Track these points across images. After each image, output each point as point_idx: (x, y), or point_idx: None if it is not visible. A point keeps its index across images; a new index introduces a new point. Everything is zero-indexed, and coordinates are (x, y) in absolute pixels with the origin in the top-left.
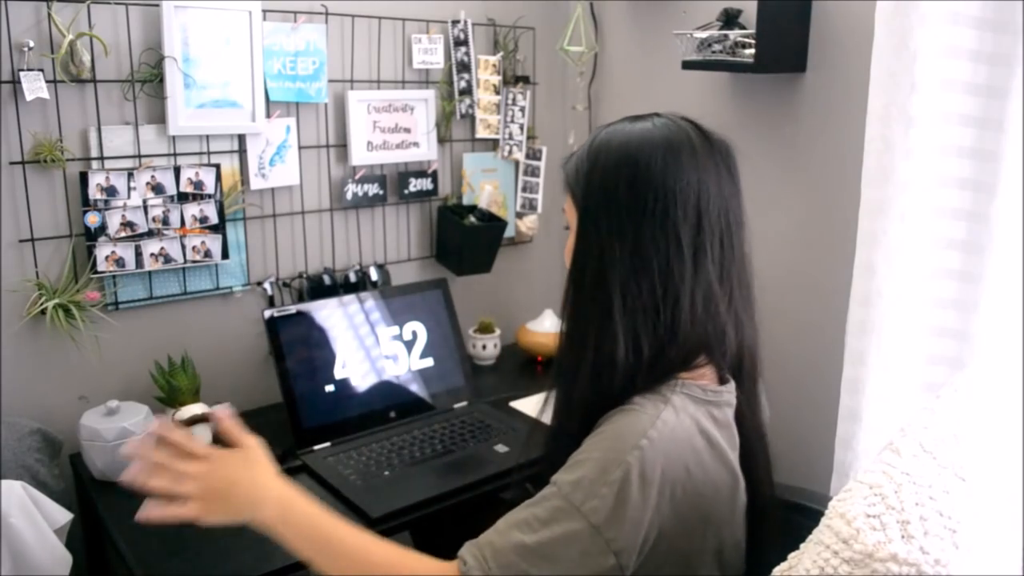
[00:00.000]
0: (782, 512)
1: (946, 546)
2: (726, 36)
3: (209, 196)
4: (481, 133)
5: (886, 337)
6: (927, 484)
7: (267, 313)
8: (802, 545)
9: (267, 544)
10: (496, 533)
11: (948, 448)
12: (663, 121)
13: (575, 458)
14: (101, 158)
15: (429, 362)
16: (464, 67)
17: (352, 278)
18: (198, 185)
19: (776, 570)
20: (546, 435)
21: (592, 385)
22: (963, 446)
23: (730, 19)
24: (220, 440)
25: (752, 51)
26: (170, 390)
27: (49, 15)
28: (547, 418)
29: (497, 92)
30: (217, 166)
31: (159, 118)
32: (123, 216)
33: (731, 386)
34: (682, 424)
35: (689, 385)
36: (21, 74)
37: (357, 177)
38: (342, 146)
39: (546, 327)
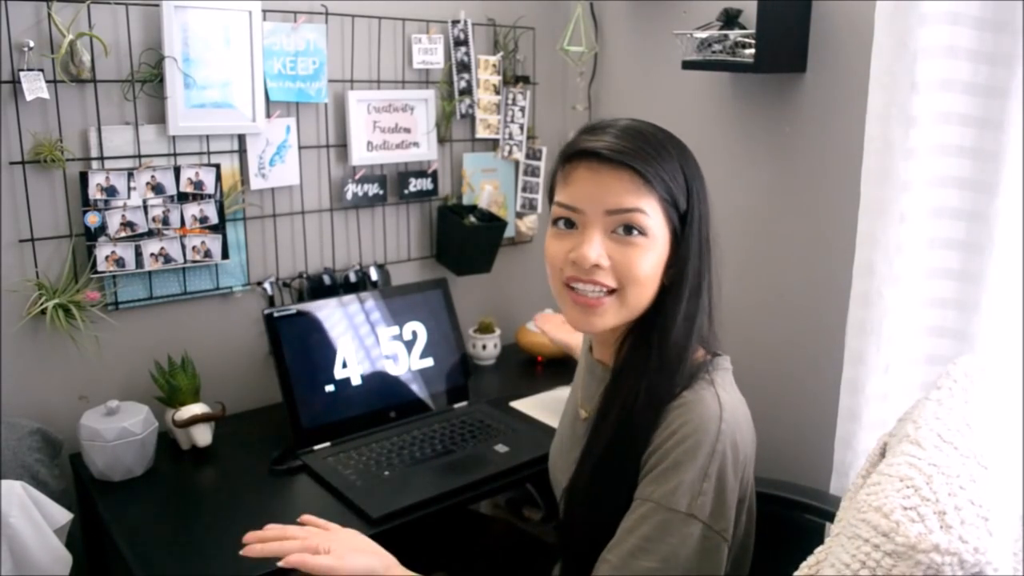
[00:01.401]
0: (778, 509)
1: (981, 534)
2: (726, 36)
3: (209, 196)
4: (481, 133)
5: (886, 337)
6: (955, 474)
7: (267, 313)
8: (828, 540)
9: None
10: (615, 570)
11: (965, 438)
12: None
13: (659, 468)
14: (101, 158)
15: (429, 362)
16: (464, 67)
17: (352, 278)
18: (198, 185)
19: (803, 565)
20: (604, 438)
21: (673, 377)
22: (978, 435)
23: (730, 19)
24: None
25: (752, 51)
26: (170, 390)
27: (49, 15)
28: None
29: (497, 92)
30: (217, 166)
31: (159, 118)
32: (123, 216)
33: None
34: (732, 397)
35: (712, 362)
36: (21, 74)
37: (357, 177)
38: (342, 146)
39: None
